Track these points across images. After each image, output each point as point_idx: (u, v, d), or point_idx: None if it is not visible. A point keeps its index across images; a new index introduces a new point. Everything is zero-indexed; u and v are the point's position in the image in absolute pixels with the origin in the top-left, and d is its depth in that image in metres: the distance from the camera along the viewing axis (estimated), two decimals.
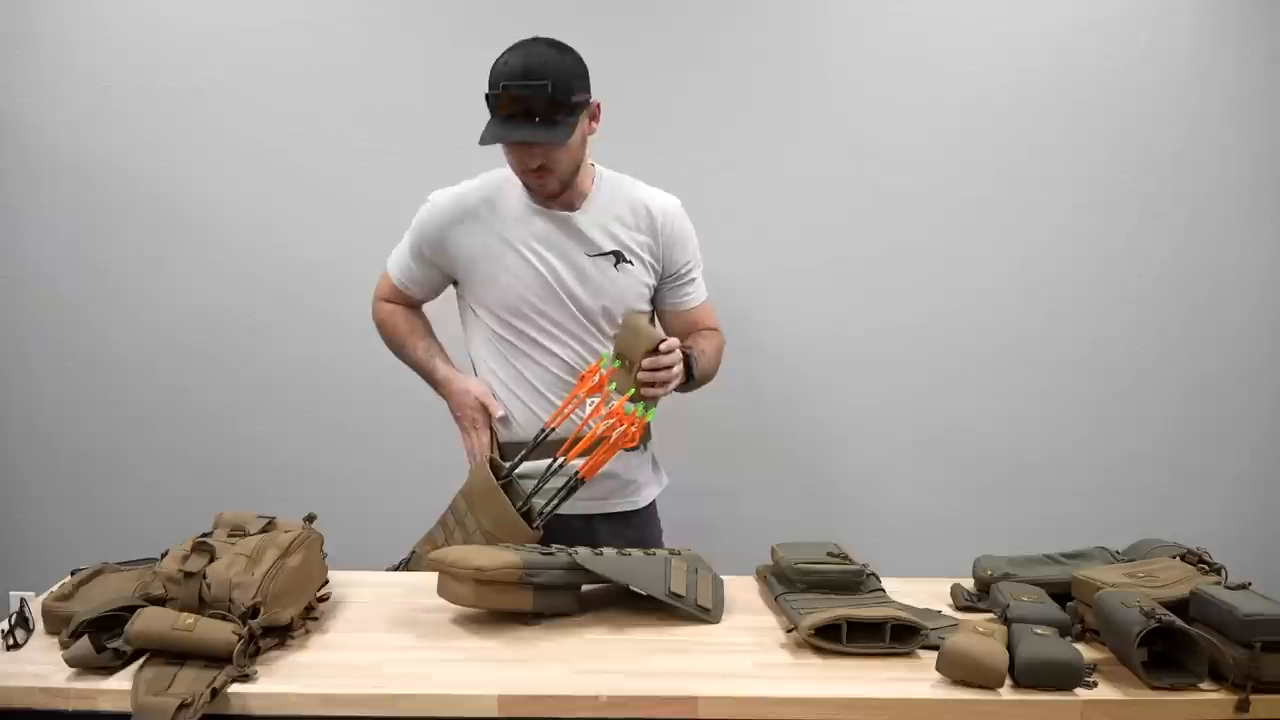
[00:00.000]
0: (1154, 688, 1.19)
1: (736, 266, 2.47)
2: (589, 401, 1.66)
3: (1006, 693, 1.19)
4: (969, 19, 2.44)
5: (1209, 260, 2.53)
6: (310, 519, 1.45)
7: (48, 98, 2.43)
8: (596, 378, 1.63)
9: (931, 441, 2.57)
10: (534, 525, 1.60)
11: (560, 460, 1.61)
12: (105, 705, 1.15)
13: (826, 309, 2.52)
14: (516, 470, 1.66)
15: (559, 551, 1.41)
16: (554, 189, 1.69)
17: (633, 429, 1.58)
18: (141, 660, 1.18)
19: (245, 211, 2.48)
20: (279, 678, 1.19)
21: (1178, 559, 1.42)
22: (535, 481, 1.64)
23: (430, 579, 1.41)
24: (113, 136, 2.45)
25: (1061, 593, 1.40)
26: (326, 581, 1.45)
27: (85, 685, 1.16)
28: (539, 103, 1.57)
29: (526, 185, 1.72)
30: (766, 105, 2.47)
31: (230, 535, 1.38)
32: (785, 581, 1.49)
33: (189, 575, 1.26)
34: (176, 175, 2.46)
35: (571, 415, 1.68)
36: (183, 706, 1.09)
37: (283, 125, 2.45)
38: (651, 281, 1.81)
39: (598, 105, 1.70)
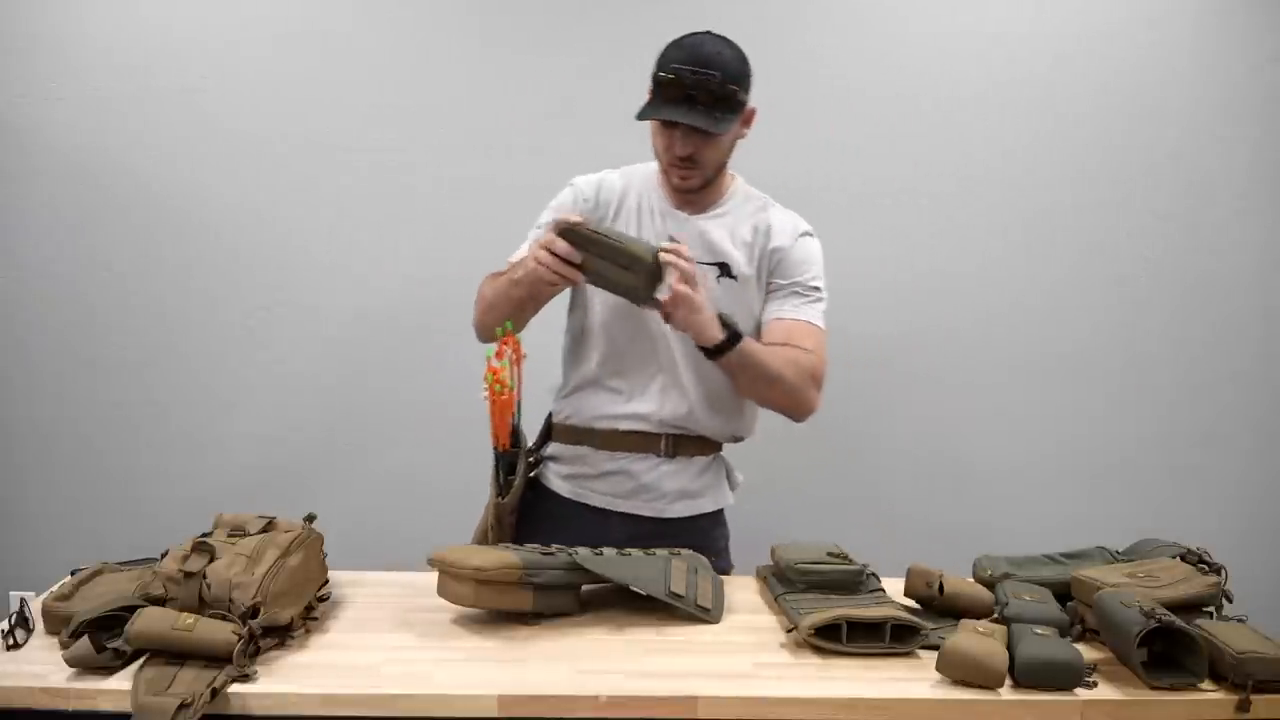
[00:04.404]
0: (1154, 688, 1.19)
1: None
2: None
3: (1006, 693, 1.19)
4: (968, 20, 2.44)
5: (1209, 260, 2.53)
6: (310, 519, 1.45)
7: (47, 98, 2.43)
8: (509, 350, 1.61)
9: (930, 441, 2.57)
10: (499, 495, 1.67)
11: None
12: (105, 705, 1.15)
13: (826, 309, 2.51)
14: None
15: (559, 551, 1.41)
16: (695, 183, 1.67)
17: (499, 399, 1.59)
18: (141, 660, 1.18)
19: (246, 211, 2.48)
20: (279, 678, 1.19)
21: (1178, 559, 1.42)
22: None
23: (430, 579, 1.41)
24: (112, 136, 2.45)
25: (1061, 593, 1.41)
26: (326, 581, 1.45)
27: (85, 685, 1.16)
28: (706, 92, 1.57)
29: (668, 174, 1.69)
30: (764, 107, 2.46)
31: (230, 535, 1.38)
32: (785, 581, 1.49)
33: (189, 575, 1.26)
34: (177, 174, 2.46)
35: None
36: (183, 706, 1.09)
37: (286, 125, 2.45)
38: (756, 306, 1.73)
39: (753, 111, 1.68)
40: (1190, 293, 2.54)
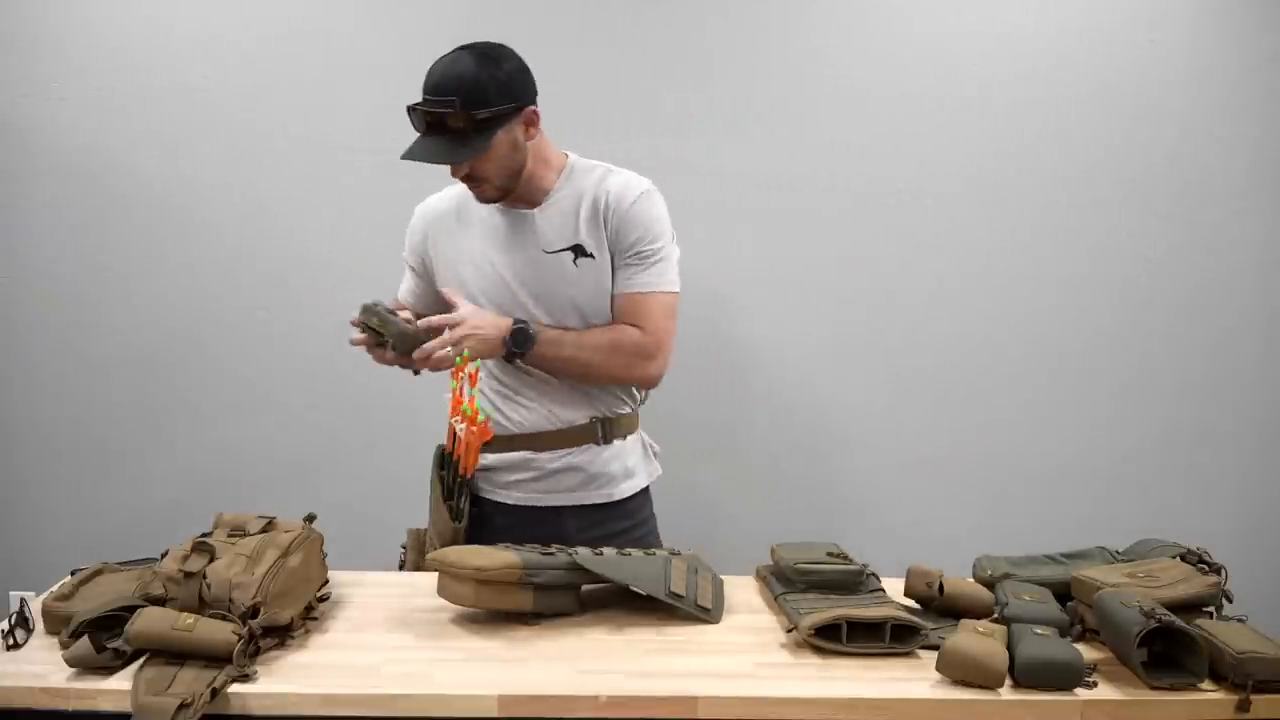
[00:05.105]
0: (1154, 688, 1.19)
1: (742, 268, 2.48)
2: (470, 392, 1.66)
3: (1006, 693, 1.19)
4: (969, 19, 2.44)
5: (1209, 260, 2.53)
6: (310, 519, 1.45)
7: (49, 97, 2.43)
8: (466, 373, 1.61)
9: (931, 442, 2.57)
10: (454, 519, 1.67)
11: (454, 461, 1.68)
12: (105, 705, 1.15)
13: (826, 311, 2.52)
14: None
15: (559, 551, 1.41)
16: (490, 195, 1.70)
17: (474, 428, 1.61)
18: (141, 660, 1.19)
19: (248, 211, 2.48)
20: (279, 678, 1.19)
21: (1178, 559, 1.42)
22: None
23: (430, 579, 1.41)
24: (114, 136, 2.45)
25: (1061, 593, 1.41)
26: (326, 581, 1.45)
27: (85, 685, 1.16)
28: (448, 119, 1.60)
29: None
30: (768, 106, 2.47)
31: (230, 535, 1.38)
32: (785, 581, 1.49)
33: (189, 575, 1.26)
34: (179, 174, 2.46)
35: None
36: (183, 706, 1.09)
37: (288, 125, 2.45)
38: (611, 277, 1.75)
39: (532, 112, 1.68)
40: (1191, 293, 2.54)
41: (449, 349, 1.60)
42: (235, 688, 1.15)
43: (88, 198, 2.47)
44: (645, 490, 1.87)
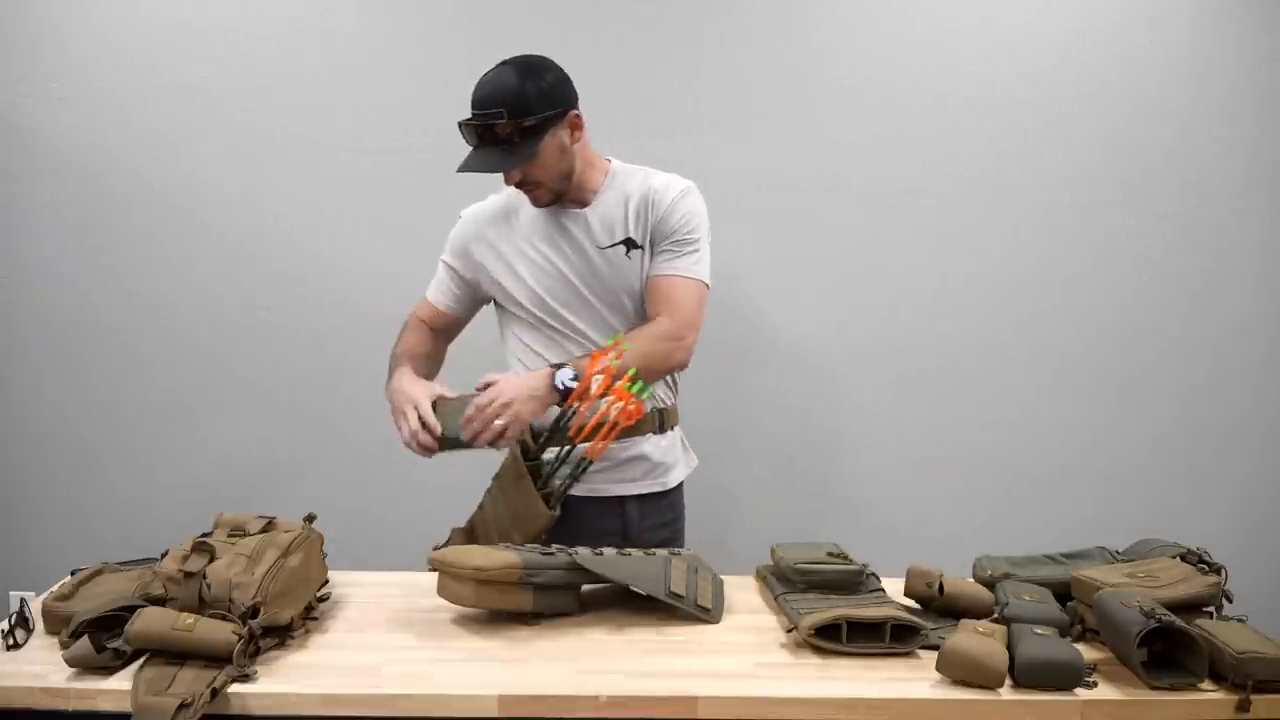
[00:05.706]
0: (1154, 688, 1.19)
1: (744, 268, 2.48)
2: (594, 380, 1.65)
3: (1006, 693, 1.19)
4: (970, 20, 2.44)
5: (1209, 260, 2.53)
6: (310, 519, 1.46)
7: (49, 97, 2.43)
8: (612, 355, 1.61)
9: (933, 442, 2.57)
10: (551, 507, 1.63)
11: (571, 444, 1.64)
12: (105, 705, 1.15)
13: (829, 312, 2.52)
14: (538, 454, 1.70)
15: (559, 551, 1.41)
16: (545, 199, 1.76)
17: (631, 406, 1.59)
18: (141, 660, 1.19)
19: (248, 211, 2.48)
20: (279, 678, 1.19)
21: (1178, 559, 1.42)
22: (552, 464, 1.68)
23: (430, 579, 1.41)
24: (114, 136, 2.45)
25: (1061, 593, 1.41)
26: (326, 581, 1.45)
27: (85, 685, 1.16)
28: (496, 130, 1.67)
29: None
30: (770, 106, 2.47)
31: (230, 535, 1.38)
32: (785, 581, 1.49)
33: (189, 575, 1.26)
34: (179, 174, 2.46)
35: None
36: (183, 706, 1.09)
37: (288, 125, 2.45)
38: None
39: (576, 116, 1.74)
40: (1192, 293, 2.54)
41: (498, 423, 1.61)
42: (235, 688, 1.16)
43: (88, 198, 2.47)
44: (682, 484, 1.94)
